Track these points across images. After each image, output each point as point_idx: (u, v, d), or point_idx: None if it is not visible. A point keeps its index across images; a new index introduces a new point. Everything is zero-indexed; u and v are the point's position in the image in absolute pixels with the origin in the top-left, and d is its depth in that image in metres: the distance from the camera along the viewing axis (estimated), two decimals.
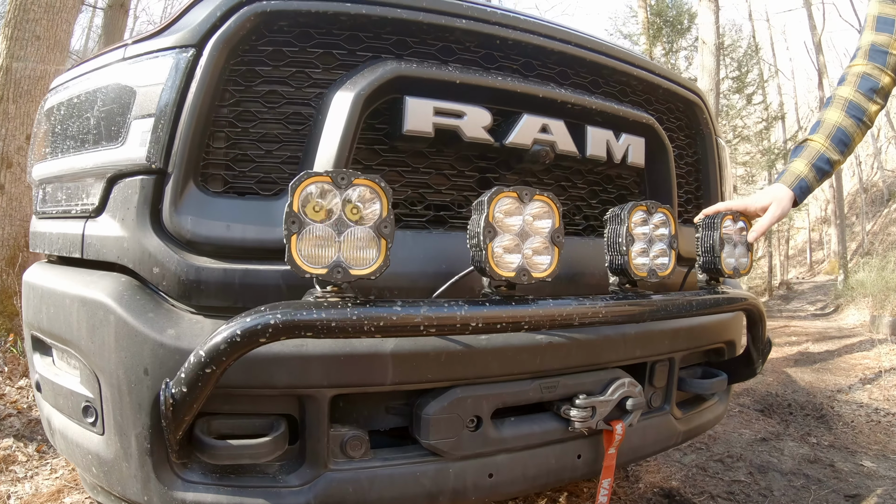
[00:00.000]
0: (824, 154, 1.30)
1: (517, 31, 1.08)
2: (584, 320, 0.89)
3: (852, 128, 1.31)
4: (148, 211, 0.94)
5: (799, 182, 1.28)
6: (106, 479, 0.95)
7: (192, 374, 0.71)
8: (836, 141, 1.30)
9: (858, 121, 1.31)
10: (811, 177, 1.29)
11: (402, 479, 0.94)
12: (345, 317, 0.71)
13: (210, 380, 0.72)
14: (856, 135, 1.32)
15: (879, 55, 1.30)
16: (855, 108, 1.31)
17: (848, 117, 1.30)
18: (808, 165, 1.29)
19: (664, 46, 13.27)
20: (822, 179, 1.33)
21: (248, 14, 0.93)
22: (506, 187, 0.83)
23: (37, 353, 1.16)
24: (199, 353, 0.71)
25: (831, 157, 1.30)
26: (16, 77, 3.32)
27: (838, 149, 1.31)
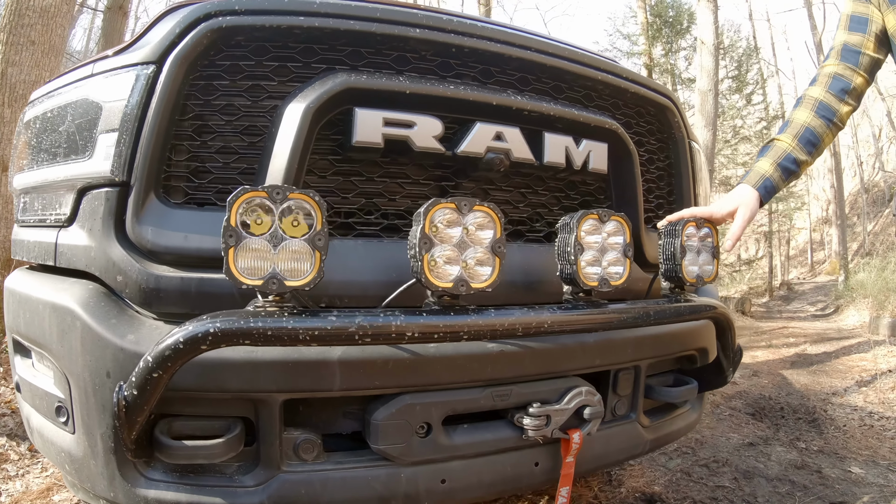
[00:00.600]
0: (791, 154, 1.35)
1: (473, 38, 1.16)
2: (529, 331, 0.97)
3: (821, 128, 1.36)
4: (112, 221, 1.05)
5: (763, 182, 1.34)
6: (77, 475, 1.07)
7: (142, 378, 0.82)
8: (803, 141, 1.36)
9: (828, 122, 1.36)
10: (776, 176, 1.35)
11: (354, 482, 1.04)
12: (280, 326, 0.81)
13: (158, 384, 0.82)
14: (825, 135, 1.37)
15: (852, 55, 1.35)
16: (825, 108, 1.36)
17: (817, 118, 1.36)
18: (773, 165, 1.35)
19: (664, 47, 13.87)
20: (789, 179, 1.39)
21: (205, 30, 1.03)
22: (443, 199, 0.91)
23: (18, 356, 1.29)
24: (147, 358, 0.81)
25: (798, 157, 1.35)
26: (11, 82, 3.52)
27: (806, 149, 1.36)
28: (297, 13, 1.05)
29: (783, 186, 1.39)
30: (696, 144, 1.57)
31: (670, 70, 14.47)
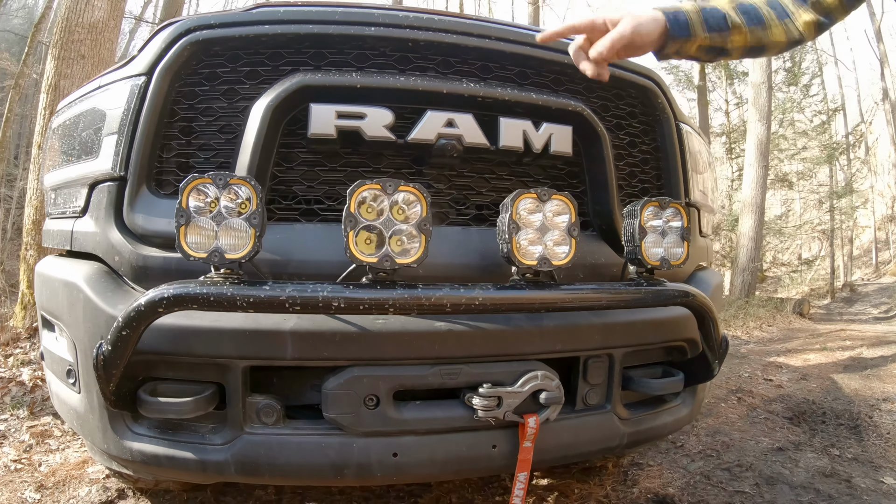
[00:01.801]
0: (720, 10, 1.22)
1: (430, 31, 1.40)
2: (458, 308, 1.18)
3: (769, 16, 1.23)
4: (113, 211, 1.40)
5: (676, 12, 1.19)
6: (82, 430, 1.42)
7: (114, 336, 1.13)
8: (742, 9, 1.23)
9: (781, 15, 1.23)
10: (696, 19, 1.20)
11: (309, 447, 1.30)
12: (221, 293, 1.09)
13: (128, 341, 1.13)
14: (773, 26, 1.23)
15: None
16: (775, 3, 1.23)
17: (766, 6, 1.23)
18: (695, 8, 1.21)
19: None
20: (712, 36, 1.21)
21: (185, 44, 1.35)
22: None
23: (45, 330, 1.69)
24: (118, 319, 1.13)
25: (730, 18, 1.21)
26: (64, 93, 4.24)
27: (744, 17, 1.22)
28: (262, 22, 1.35)
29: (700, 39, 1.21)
30: (687, 127, 1.69)
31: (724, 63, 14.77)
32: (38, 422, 3.26)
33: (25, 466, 2.71)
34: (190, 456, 1.30)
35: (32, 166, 4.41)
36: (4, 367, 4.00)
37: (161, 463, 1.33)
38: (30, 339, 4.31)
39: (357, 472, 1.31)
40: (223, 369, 1.28)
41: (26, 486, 2.47)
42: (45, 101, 4.36)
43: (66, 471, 2.65)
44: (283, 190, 1.39)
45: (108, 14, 4.38)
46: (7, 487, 2.47)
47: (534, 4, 12.58)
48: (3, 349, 4.23)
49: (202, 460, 1.30)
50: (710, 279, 1.78)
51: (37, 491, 2.43)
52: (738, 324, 8.66)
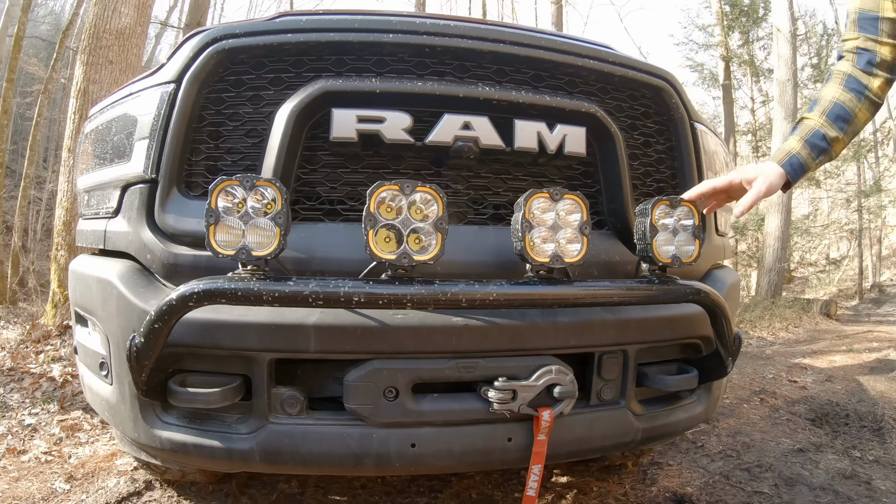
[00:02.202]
0: (819, 130, 1.45)
1: (446, 37, 1.46)
2: (473, 303, 1.23)
3: (852, 103, 1.44)
4: (145, 211, 1.49)
5: (790, 158, 1.44)
6: (113, 420, 1.50)
7: (147, 328, 1.21)
8: (832, 117, 1.45)
9: (860, 95, 1.44)
10: (805, 154, 1.45)
11: (330, 437, 1.36)
12: (248, 288, 1.16)
13: (160, 334, 1.21)
14: (857, 110, 1.44)
15: (869, 23, 1.41)
16: (854, 82, 1.44)
17: (846, 91, 1.45)
18: (800, 142, 1.46)
19: (741, 37, 14.89)
20: (821, 158, 1.47)
21: (212, 53, 1.43)
22: None
23: (78, 325, 1.78)
24: (151, 313, 1.20)
25: (828, 134, 1.44)
26: (93, 98, 4.40)
27: (836, 125, 1.44)
28: (285, 31, 1.43)
29: (814, 166, 1.49)
30: (701, 126, 1.72)
31: (749, 60, 15.32)
32: (69, 416, 3.40)
33: (56, 458, 2.84)
34: (217, 444, 1.37)
35: (63, 169, 4.58)
36: (36, 364, 4.16)
37: (189, 451, 1.40)
38: (60, 337, 4.47)
39: (376, 462, 1.38)
40: (249, 362, 1.35)
41: (56, 476, 2.59)
42: (74, 106, 4.53)
43: (95, 463, 2.77)
44: (306, 191, 1.46)
45: (134, 20, 4.53)
46: (38, 478, 2.59)
47: (556, 4, 12.70)
48: (35, 346, 4.39)
49: (228, 449, 1.37)
50: (726, 277, 1.81)
51: (66, 482, 2.54)
52: (764, 325, 8.58)
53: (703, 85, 16.79)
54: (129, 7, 4.53)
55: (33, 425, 3.27)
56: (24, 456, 2.85)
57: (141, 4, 4.62)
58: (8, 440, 3.05)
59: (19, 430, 3.19)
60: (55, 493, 2.44)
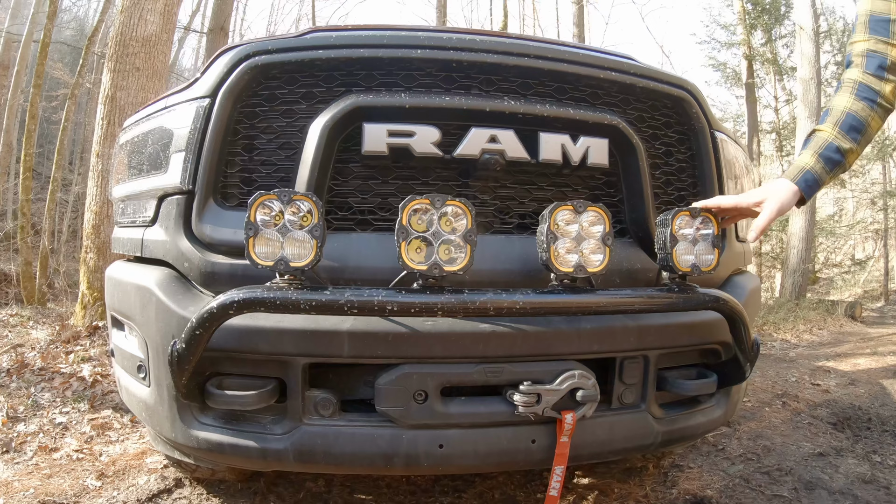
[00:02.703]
0: (832, 143, 1.45)
1: (472, 52, 1.52)
2: (501, 311, 1.29)
3: (864, 112, 1.44)
4: (182, 221, 1.56)
5: (804, 174, 1.45)
6: (150, 421, 1.59)
7: (188, 335, 1.28)
8: (845, 128, 1.45)
9: (871, 103, 1.44)
10: (819, 168, 1.45)
11: (362, 438, 1.43)
12: (286, 297, 1.23)
13: (201, 340, 1.28)
14: (870, 119, 1.45)
15: (881, 26, 1.40)
16: (865, 90, 1.44)
17: (858, 101, 1.45)
18: (814, 156, 1.46)
19: (764, 35, 14.93)
20: (835, 171, 1.48)
21: (246, 69, 1.50)
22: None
23: (114, 329, 1.87)
24: (192, 320, 1.28)
25: (841, 146, 1.45)
26: (120, 104, 4.53)
27: (850, 136, 1.45)
28: (316, 48, 1.49)
29: (829, 179, 1.49)
30: (721, 135, 1.76)
31: (772, 59, 15.31)
32: (99, 415, 3.51)
33: (87, 456, 2.94)
34: (252, 444, 1.45)
35: (91, 173, 4.72)
36: (66, 364, 4.29)
37: (225, 451, 1.48)
38: (89, 338, 4.60)
39: (406, 462, 1.44)
40: (284, 366, 1.42)
41: (88, 473, 2.69)
42: (102, 112, 4.67)
43: (125, 461, 2.88)
44: (338, 202, 1.53)
45: (160, 28, 4.65)
46: (70, 475, 2.69)
47: (578, 4, 12.73)
48: (65, 346, 4.53)
49: (263, 448, 1.45)
50: (746, 283, 1.85)
51: (98, 479, 2.64)
52: (788, 327, 8.52)
53: (725, 84, 16.71)
54: (155, 15, 4.66)
55: (64, 424, 3.38)
56: (56, 454, 2.96)
57: (166, 12, 4.75)
58: (40, 438, 3.16)
59: (51, 429, 3.30)
60: (87, 489, 2.54)
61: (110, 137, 4.61)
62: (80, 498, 2.44)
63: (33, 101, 7.29)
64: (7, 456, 2.93)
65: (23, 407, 3.59)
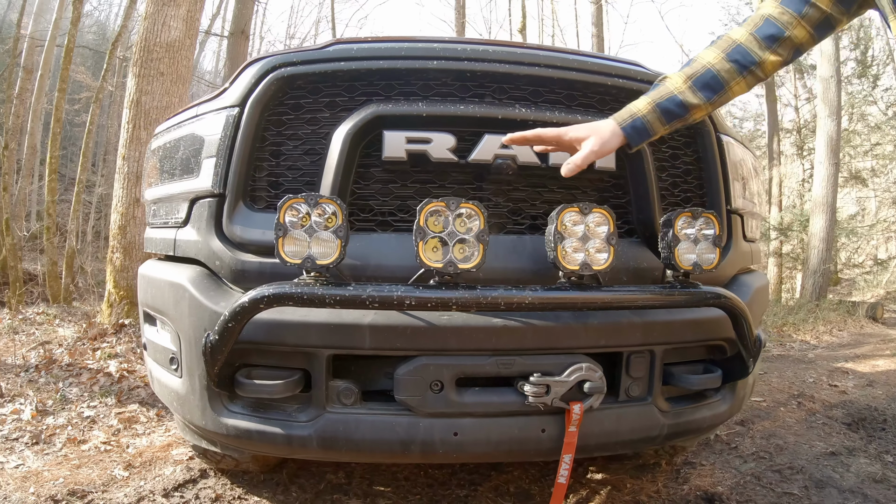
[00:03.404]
0: (677, 96, 1.37)
1: (485, 62, 1.62)
2: (511, 306, 1.39)
3: (729, 73, 1.35)
4: (213, 222, 1.68)
5: (633, 120, 1.38)
6: (181, 409, 1.71)
7: (221, 327, 1.40)
8: (699, 84, 1.37)
9: (741, 68, 1.35)
10: (653, 118, 1.38)
11: (381, 425, 1.54)
12: (313, 292, 1.34)
13: (233, 332, 1.40)
14: (733, 82, 1.36)
15: (797, 1, 1.29)
16: (741, 52, 1.34)
17: (727, 61, 1.36)
18: (650, 104, 1.39)
19: None
20: (673, 123, 1.40)
21: (273, 79, 1.62)
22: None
23: (146, 324, 2.00)
24: (225, 314, 1.39)
25: (687, 101, 1.37)
26: (145, 108, 4.69)
27: (702, 93, 1.37)
28: (338, 59, 1.61)
29: (662, 131, 1.42)
30: (726, 137, 1.85)
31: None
32: (126, 409, 3.66)
33: (114, 448, 3.09)
34: (278, 431, 1.56)
35: (118, 175, 4.89)
36: (93, 360, 4.46)
37: (252, 437, 1.59)
38: (116, 335, 4.78)
39: (422, 449, 1.54)
40: (309, 357, 1.54)
41: (115, 464, 2.83)
42: (127, 116, 4.85)
43: (152, 452, 3.01)
44: (360, 204, 1.64)
45: (183, 33, 4.81)
46: (98, 466, 2.83)
47: (596, 4, 12.80)
48: (91, 343, 4.70)
49: (289, 435, 1.56)
50: (752, 282, 1.93)
51: (125, 469, 2.78)
52: (808, 328, 8.50)
53: None
54: (178, 21, 4.82)
55: (92, 417, 3.54)
56: (84, 445, 3.10)
57: (189, 18, 4.91)
58: (68, 430, 3.31)
59: (79, 422, 3.45)
60: (115, 479, 2.67)
61: (135, 141, 4.79)
62: (109, 487, 2.57)
63: (58, 105, 7.54)
64: (37, 447, 3.08)
65: (51, 401, 3.75)
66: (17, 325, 5.88)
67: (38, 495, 2.44)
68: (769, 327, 8.28)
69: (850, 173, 14.82)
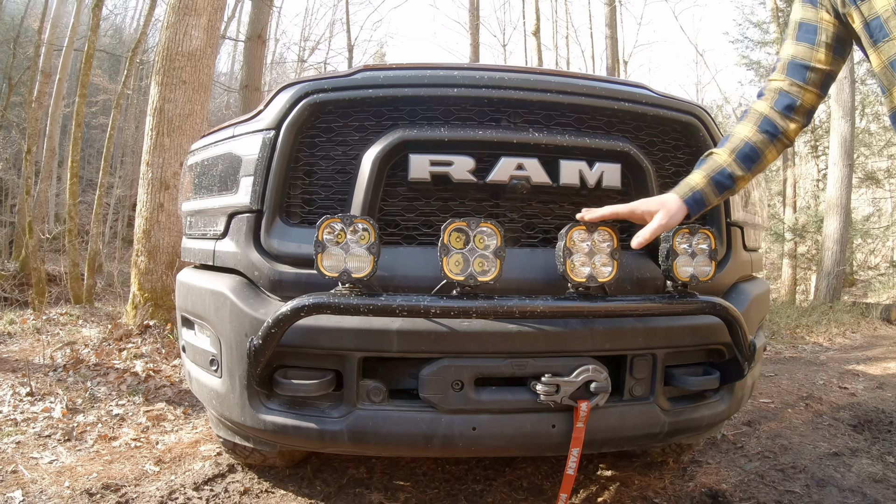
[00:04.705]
0: (726, 169, 1.60)
1: (501, 89, 1.80)
2: (525, 314, 1.57)
3: (763, 144, 1.59)
4: (252, 236, 1.87)
5: (693, 193, 1.60)
6: (220, 407, 1.89)
7: (265, 332, 1.58)
8: (741, 156, 1.60)
9: (772, 137, 1.58)
10: (708, 190, 1.60)
11: (406, 420, 1.72)
12: (349, 302, 1.52)
13: (275, 337, 1.58)
14: (767, 151, 1.60)
15: (798, 70, 1.54)
16: (769, 123, 1.58)
17: (759, 132, 1.59)
18: (706, 178, 1.61)
19: None
20: (724, 194, 1.64)
21: (306, 105, 1.80)
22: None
23: (184, 328, 2.19)
24: (268, 321, 1.58)
25: (734, 173, 1.60)
26: (168, 116, 4.91)
27: (744, 165, 1.60)
28: (367, 87, 1.79)
29: (716, 201, 1.65)
30: None
31: None
32: (153, 407, 3.87)
33: (144, 444, 3.29)
34: (312, 426, 1.74)
35: (142, 181, 5.12)
36: (119, 360, 4.69)
37: (288, 432, 1.78)
38: (140, 336, 5.00)
39: (443, 442, 1.73)
40: (342, 359, 1.72)
41: (146, 460, 3.03)
42: (151, 123, 5.07)
43: (180, 449, 3.21)
44: (387, 220, 1.82)
45: (204, 42, 5.03)
46: (129, 461, 3.02)
47: (610, 6, 12.95)
48: (117, 343, 4.93)
49: (322, 430, 1.74)
50: (751, 290, 2.09)
51: (156, 464, 2.97)
52: (821, 330, 8.59)
53: (759, 83, 16.69)
54: (199, 30, 5.03)
55: (121, 415, 3.74)
56: (115, 442, 3.31)
57: (210, 27, 5.12)
58: (99, 428, 3.52)
59: (108, 419, 3.66)
60: (146, 474, 2.86)
61: (159, 147, 5.01)
62: (141, 481, 2.77)
63: (79, 111, 7.81)
64: (69, 444, 3.28)
65: (80, 399, 3.96)
66: (42, 325, 6.13)
67: (74, 489, 2.63)
68: (782, 329, 8.38)
69: (864, 174, 14.83)
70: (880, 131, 15.03)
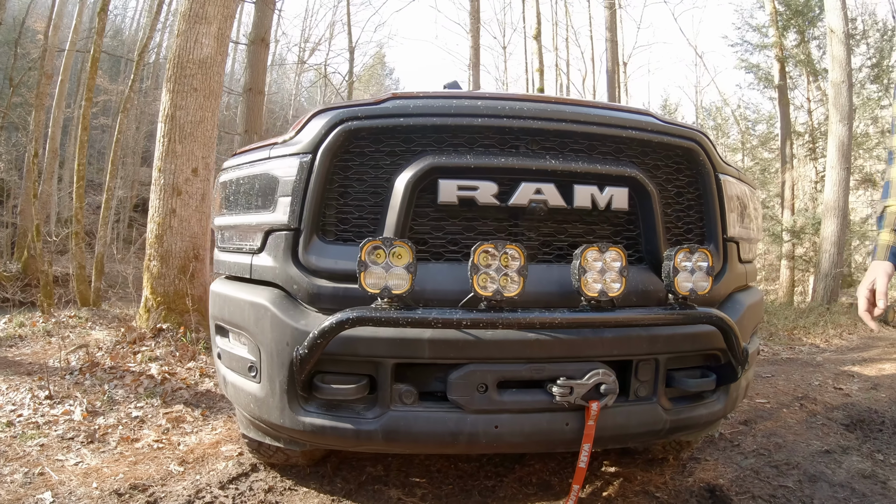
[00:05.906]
0: None
1: (521, 119, 2.02)
2: (544, 325, 1.80)
3: None
4: (290, 252, 2.08)
5: (891, 251, 1.84)
6: (259, 410, 2.10)
7: (311, 343, 1.80)
8: None
9: None
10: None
11: (435, 419, 1.94)
12: (389, 315, 1.74)
13: (320, 347, 1.80)
14: None
15: None
16: None
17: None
18: (892, 232, 1.83)
19: (796, 36, 15.58)
20: None
21: (341, 131, 2.01)
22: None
23: (218, 336, 2.41)
24: (314, 332, 1.79)
25: None
26: (179, 122, 5.11)
27: None
28: (397, 115, 2.00)
29: None
30: (725, 177, 2.25)
31: (805, 60, 15.90)
32: (171, 409, 4.06)
33: (166, 445, 3.47)
34: (349, 427, 1.96)
35: (154, 187, 5.30)
36: (134, 363, 4.88)
37: (326, 433, 1.99)
38: (154, 339, 5.20)
39: (468, 440, 1.95)
40: (376, 365, 1.94)
41: (170, 460, 3.22)
42: (162, 130, 5.27)
43: (202, 449, 3.40)
44: (416, 238, 2.04)
45: (215, 50, 5.22)
46: (154, 462, 3.22)
47: (610, 9, 13.25)
48: (131, 347, 5.12)
49: (357, 430, 1.96)
50: (745, 299, 2.33)
51: (180, 465, 3.16)
52: (818, 331, 8.84)
53: (758, 86, 17.02)
54: (210, 38, 5.22)
55: (140, 417, 3.93)
56: (137, 444, 3.49)
57: (220, 35, 5.32)
58: (120, 430, 3.70)
59: (128, 422, 3.85)
60: (171, 474, 3.05)
61: (171, 154, 5.20)
62: (167, 481, 2.95)
63: (85, 114, 7.97)
64: (92, 445, 3.47)
65: (99, 402, 4.14)
66: (51, 328, 6.31)
67: (102, 490, 2.81)
68: (780, 330, 8.62)
69: (862, 176, 15.12)
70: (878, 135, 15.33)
